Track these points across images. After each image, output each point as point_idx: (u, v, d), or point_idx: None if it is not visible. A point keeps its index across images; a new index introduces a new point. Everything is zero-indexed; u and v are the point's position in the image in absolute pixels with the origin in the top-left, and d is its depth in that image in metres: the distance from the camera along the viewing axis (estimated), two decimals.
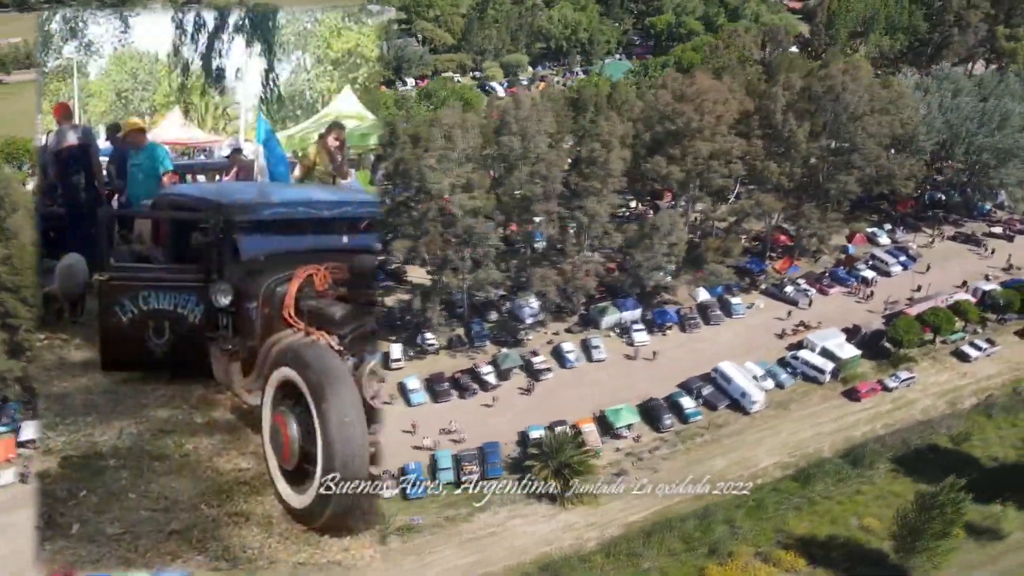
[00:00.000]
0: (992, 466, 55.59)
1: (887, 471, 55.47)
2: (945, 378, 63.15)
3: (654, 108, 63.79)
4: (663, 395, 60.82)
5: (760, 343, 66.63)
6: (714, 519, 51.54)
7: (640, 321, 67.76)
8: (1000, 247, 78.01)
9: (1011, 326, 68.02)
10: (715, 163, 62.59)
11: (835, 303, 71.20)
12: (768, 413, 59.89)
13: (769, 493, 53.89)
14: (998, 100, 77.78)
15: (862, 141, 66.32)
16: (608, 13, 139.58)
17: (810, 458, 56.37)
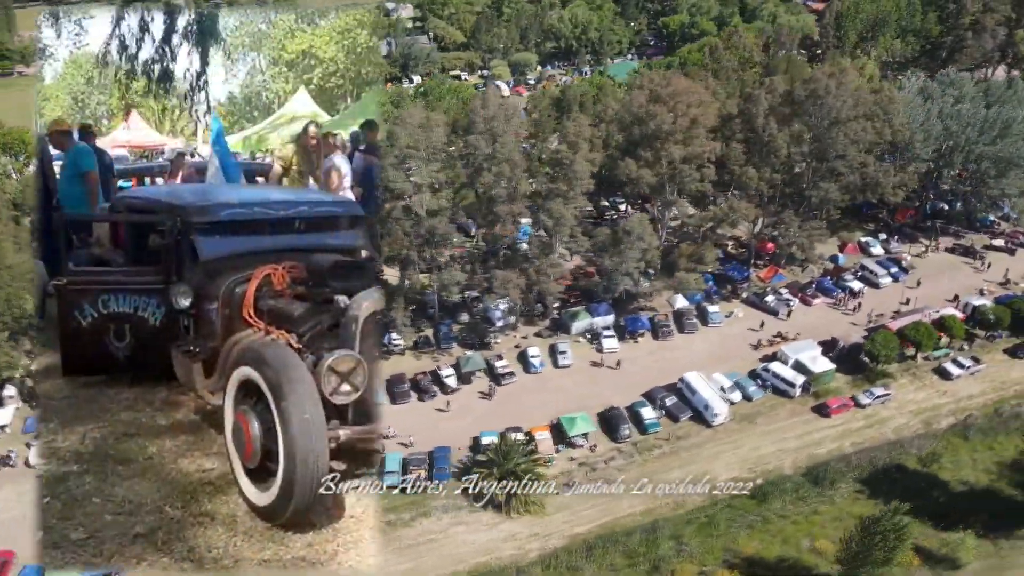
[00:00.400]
0: (960, 490, 53.12)
1: (850, 491, 53.36)
2: (923, 396, 60.66)
3: (628, 109, 62.21)
4: (626, 404, 59.42)
5: (734, 353, 64.76)
6: (661, 534, 50.05)
7: (612, 328, 66.32)
8: (1000, 260, 74.88)
9: (1000, 344, 65.16)
10: (687, 167, 60.76)
11: (817, 314, 68.91)
12: (732, 426, 58.11)
13: (723, 510, 52.19)
14: (1001, 107, 74.47)
15: (843, 147, 63.93)
16: (623, 13, 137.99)
17: (770, 475, 54.48)
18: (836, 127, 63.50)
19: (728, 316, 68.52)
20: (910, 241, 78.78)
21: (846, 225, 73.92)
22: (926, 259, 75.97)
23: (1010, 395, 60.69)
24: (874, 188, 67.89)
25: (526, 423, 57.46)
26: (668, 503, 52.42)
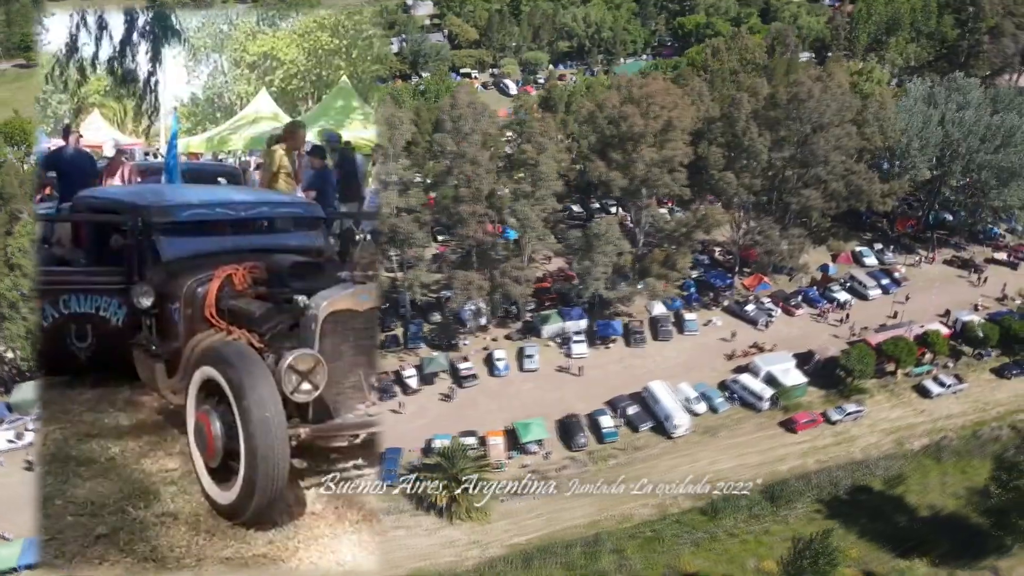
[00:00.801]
0: (924, 515, 50.76)
1: (807, 511, 51.36)
2: (898, 414, 58.20)
3: (601, 110, 60.72)
4: (588, 411, 58.12)
5: (707, 363, 62.97)
6: (603, 548, 48.74)
7: (583, 332, 64.97)
8: (1001, 275, 71.72)
9: (988, 362, 62.30)
10: (658, 171, 59.08)
11: (798, 325, 66.71)
12: (692, 439, 56.39)
13: (670, 525, 50.67)
14: (1005, 115, 71.23)
15: (825, 153, 61.58)
16: (642, 13, 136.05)
17: (728, 491, 52.62)
18: (818, 132, 61.13)
19: (706, 324, 66.67)
20: (908, 252, 75.98)
21: (835, 233, 71.42)
22: (922, 271, 73.22)
23: (991, 417, 57.94)
24: (858, 196, 65.20)
25: (484, 427, 56.51)
26: (615, 516, 51.04)
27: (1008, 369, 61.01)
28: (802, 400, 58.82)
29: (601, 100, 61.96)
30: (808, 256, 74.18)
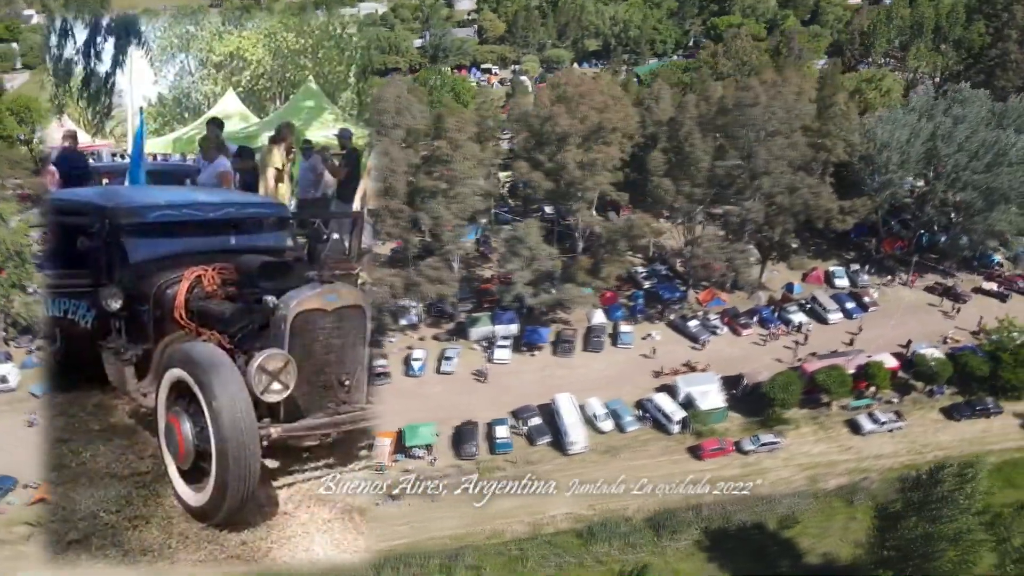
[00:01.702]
0: (814, 562, 46.58)
1: (689, 545, 48.01)
2: (820, 450, 53.76)
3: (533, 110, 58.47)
4: (493, 418, 56.10)
5: (632, 378, 59.86)
6: (461, 562, 46.85)
7: (510, 338, 62.86)
8: (987, 307, 65.44)
9: (940, 401, 56.84)
10: (582, 173, 56.33)
11: (742, 346, 62.66)
12: (591, 457, 53.62)
13: (541, 545, 48.28)
14: (1002, 131, 64.91)
15: (765, 163, 57.32)
16: (679, 12, 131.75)
17: (611, 515, 49.85)
18: (761, 141, 57.01)
19: (644, 338, 63.45)
20: (890, 275, 70.38)
21: (797, 250, 66.55)
22: (897, 296, 67.64)
23: (927, 460, 52.40)
24: (808, 211, 60.44)
25: (379, 427, 55.22)
26: (486, 530, 49.01)
27: (959, 410, 55.52)
28: (718, 426, 55.10)
29: (536, 98, 59.64)
30: (778, 273, 70.04)
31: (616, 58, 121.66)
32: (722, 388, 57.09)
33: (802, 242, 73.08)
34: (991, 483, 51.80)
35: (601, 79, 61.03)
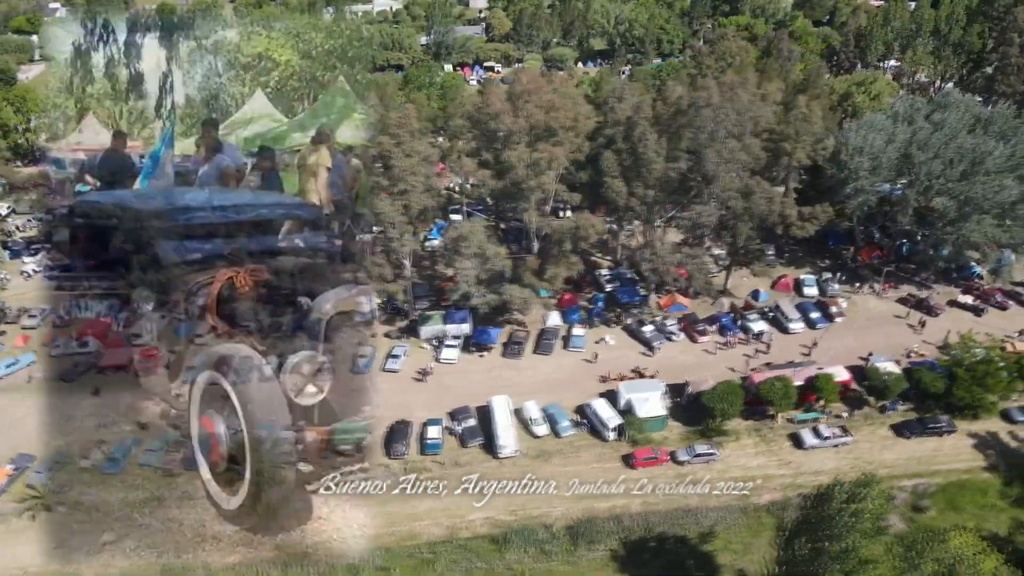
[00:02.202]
0: None
1: (604, 556, 46.76)
2: (758, 463, 51.98)
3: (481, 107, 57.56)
4: (428, 418, 55.43)
5: (578, 382, 58.64)
6: (369, 564, 46.03)
7: (460, 337, 62.15)
8: (961, 321, 62.72)
9: (892, 417, 54.58)
10: (526, 172, 55.29)
11: (695, 353, 61.06)
12: (521, 461, 52.56)
13: (454, 549, 47.45)
14: (981, 139, 62.17)
15: (714, 167, 55.54)
16: (690, 12, 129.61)
17: (531, 521, 48.81)
18: (710, 144, 55.27)
19: (598, 342, 62.23)
20: (863, 284, 67.93)
21: (759, 256, 64.42)
22: (866, 307, 65.24)
23: None
24: (762, 216, 58.45)
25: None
26: (401, 532, 48.29)
27: (910, 428, 53.25)
28: (656, 435, 53.66)
29: (486, 96, 58.75)
30: (747, 280, 68.15)
31: (620, 57, 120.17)
32: (667, 396, 55.71)
33: (777, 249, 71.28)
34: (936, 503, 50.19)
35: (556, 79, 59.64)
